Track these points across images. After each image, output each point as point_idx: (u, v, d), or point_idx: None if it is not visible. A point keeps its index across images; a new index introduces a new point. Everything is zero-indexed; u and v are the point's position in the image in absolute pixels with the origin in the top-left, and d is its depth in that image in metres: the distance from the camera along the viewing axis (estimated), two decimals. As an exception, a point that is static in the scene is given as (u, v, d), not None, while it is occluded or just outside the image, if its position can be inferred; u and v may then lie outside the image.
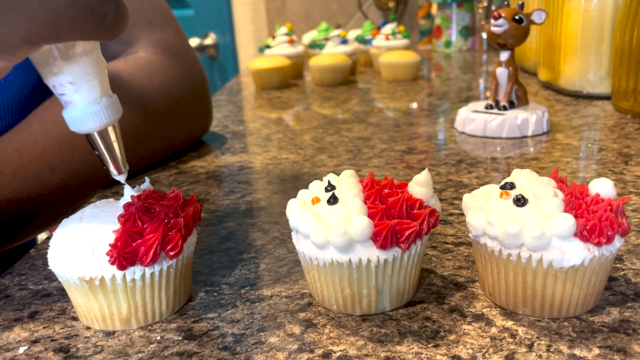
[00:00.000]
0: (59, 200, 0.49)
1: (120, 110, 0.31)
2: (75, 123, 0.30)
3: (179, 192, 0.33)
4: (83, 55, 0.29)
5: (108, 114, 0.30)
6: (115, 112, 0.31)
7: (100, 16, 0.26)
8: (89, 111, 0.30)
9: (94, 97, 0.30)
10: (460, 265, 0.35)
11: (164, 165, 0.59)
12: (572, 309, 0.29)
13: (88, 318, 0.31)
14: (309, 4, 1.73)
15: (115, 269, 0.29)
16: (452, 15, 1.36)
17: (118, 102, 0.31)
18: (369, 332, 0.29)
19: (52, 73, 0.29)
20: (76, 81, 0.29)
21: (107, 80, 0.31)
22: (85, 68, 0.29)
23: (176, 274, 0.31)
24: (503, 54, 0.63)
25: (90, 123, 0.30)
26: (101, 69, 0.30)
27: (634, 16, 0.64)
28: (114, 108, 0.31)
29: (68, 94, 0.29)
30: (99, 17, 0.26)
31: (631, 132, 0.61)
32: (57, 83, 0.29)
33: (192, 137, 0.65)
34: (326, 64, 1.01)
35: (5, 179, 0.45)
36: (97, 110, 0.30)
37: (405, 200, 0.30)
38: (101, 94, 0.30)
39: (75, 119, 0.30)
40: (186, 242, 0.31)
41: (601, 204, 0.29)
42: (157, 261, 0.30)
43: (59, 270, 0.30)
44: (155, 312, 0.31)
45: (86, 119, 0.30)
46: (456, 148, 0.60)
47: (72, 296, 0.31)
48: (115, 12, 0.26)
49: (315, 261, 0.30)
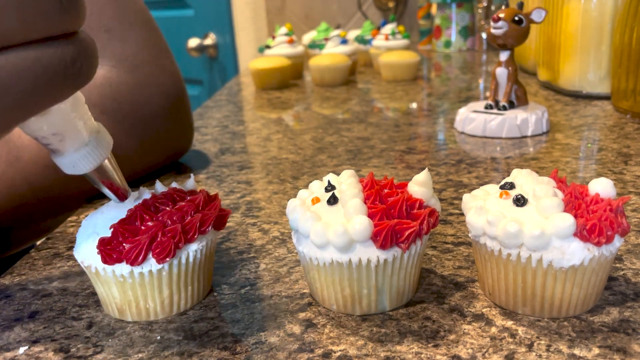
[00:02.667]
0: (39, 211, 0.48)
1: (110, 141, 0.30)
2: (68, 168, 0.29)
3: (197, 196, 0.33)
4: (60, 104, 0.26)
5: (99, 153, 0.29)
6: (106, 147, 0.29)
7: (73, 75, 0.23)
8: (78, 156, 0.28)
9: (81, 140, 0.28)
10: (460, 265, 0.35)
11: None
12: (572, 309, 0.29)
13: (100, 300, 0.33)
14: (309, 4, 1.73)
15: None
16: (451, 16, 1.36)
17: (106, 133, 0.29)
18: (369, 332, 0.29)
19: (32, 130, 0.26)
20: (59, 132, 0.27)
21: (89, 114, 0.28)
22: (65, 115, 0.27)
23: (171, 278, 0.31)
24: (503, 54, 0.64)
25: (83, 165, 0.29)
26: (81, 107, 0.28)
27: (634, 16, 0.64)
28: (104, 143, 0.29)
29: (54, 144, 0.27)
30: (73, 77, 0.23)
31: (631, 132, 0.61)
32: (39, 136, 0.27)
33: (165, 159, 0.58)
34: (326, 64, 1.01)
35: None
36: (86, 153, 0.28)
37: (405, 200, 0.30)
38: (88, 134, 0.28)
39: (68, 165, 0.28)
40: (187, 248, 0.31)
41: (601, 203, 0.29)
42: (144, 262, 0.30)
43: (74, 252, 0.32)
44: (149, 310, 0.31)
45: (78, 163, 0.28)
46: (456, 148, 0.60)
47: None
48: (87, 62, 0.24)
49: (315, 261, 0.30)
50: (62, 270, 0.38)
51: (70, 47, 0.23)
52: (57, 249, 0.41)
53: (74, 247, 0.32)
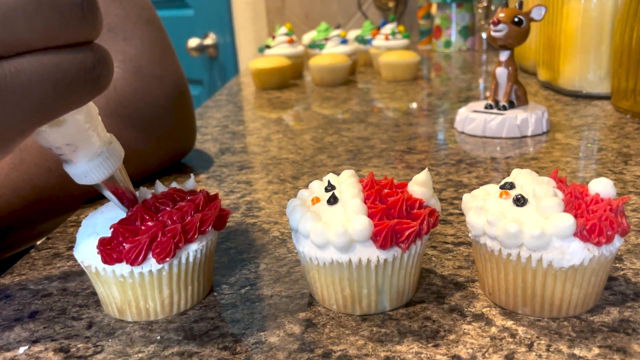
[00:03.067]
0: (40, 212, 0.48)
1: (121, 151, 0.30)
2: (79, 178, 0.29)
3: (197, 196, 0.33)
4: (74, 114, 0.27)
5: (111, 163, 0.30)
6: (117, 158, 0.30)
7: (93, 81, 0.24)
8: (91, 166, 0.29)
9: (94, 151, 0.29)
10: (460, 265, 0.35)
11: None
12: (572, 309, 0.29)
13: (100, 300, 0.33)
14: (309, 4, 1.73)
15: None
16: (451, 15, 1.36)
17: (117, 144, 0.30)
18: (369, 332, 0.29)
19: (47, 141, 0.27)
20: (72, 142, 0.27)
21: (102, 125, 0.29)
22: (79, 126, 0.27)
23: (171, 278, 0.31)
24: (503, 54, 0.64)
25: (95, 176, 0.29)
26: (95, 118, 0.28)
27: (634, 16, 0.64)
28: (116, 154, 0.30)
29: (67, 154, 0.28)
30: (92, 83, 0.24)
31: (631, 132, 0.61)
32: (53, 146, 0.28)
33: (169, 159, 0.58)
34: (326, 64, 1.01)
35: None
36: (99, 163, 0.29)
37: (405, 200, 0.30)
38: (100, 145, 0.29)
39: (80, 175, 0.29)
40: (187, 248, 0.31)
41: (601, 203, 0.29)
42: (144, 262, 0.30)
43: (74, 252, 0.32)
44: (150, 310, 0.31)
45: (90, 173, 0.29)
46: (456, 148, 0.60)
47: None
48: (105, 69, 0.24)
49: (315, 261, 0.30)
50: (62, 270, 0.38)
51: (89, 54, 0.24)
52: (57, 249, 0.41)
53: (74, 247, 0.32)
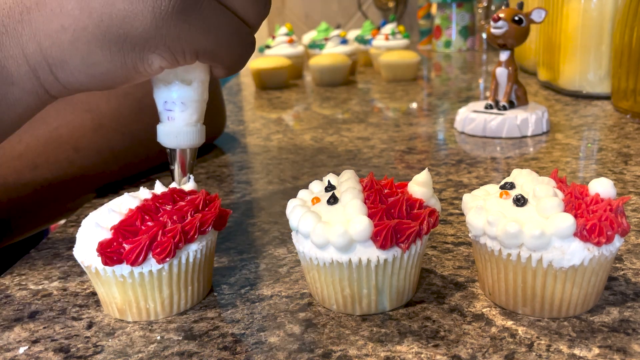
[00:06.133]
0: (43, 200, 0.48)
1: (204, 138, 0.36)
2: (169, 137, 0.34)
3: (197, 196, 0.33)
4: (199, 84, 0.33)
5: (199, 137, 0.35)
6: (201, 139, 0.36)
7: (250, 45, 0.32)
8: (186, 130, 0.34)
9: (194, 120, 0.34)
10: (460, 265, 0.35)
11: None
12: (572, 309, 0.29)
13: (101, 300, 0.33)
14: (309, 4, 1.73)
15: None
16: (451, 15, 1.36)
17: (204, 129, 0.36)
18: (369, 332, 0.29)
19: (169, 92, 0.33)
20: (186, 103, 0.33)
21: (205, 109, 0.35)
22: (197, 94, 0.34)
23: (171, 278, 0.31)
24: (503, 54, 0.64)
25: (184, 140, 0.34)
26: (205, 99, 0.35)
27: (634, 16, 0.64)
28: (201, 135, 0.35)
29: (175, 111, 0.33)
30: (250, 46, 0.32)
31: (631, 132, 0.61)
32: (169, 100, 0.33)
33: None
34: (326, 64, 1.01)
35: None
36: (192, 132, 0.34)
37: (405, 200, 0.30)
38: (198, 119, 0.35)
39: (171, 134, 0.34)
40: (187, 248, 0.31)
41: (601, 203, 0.29)
42: (145, 263, 0.30)
43: (74, 252, 0.32)
44: (150, 311, 0.31)
45: (181, 136, 0.34)
46: (456, 148, 0.60)
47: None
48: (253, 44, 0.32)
49: (315, 261, 0.30)
50: (62, 270, 0.38)
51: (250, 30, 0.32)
52: (57, 249, 0.41)
53: (74, 247, 0.32)
